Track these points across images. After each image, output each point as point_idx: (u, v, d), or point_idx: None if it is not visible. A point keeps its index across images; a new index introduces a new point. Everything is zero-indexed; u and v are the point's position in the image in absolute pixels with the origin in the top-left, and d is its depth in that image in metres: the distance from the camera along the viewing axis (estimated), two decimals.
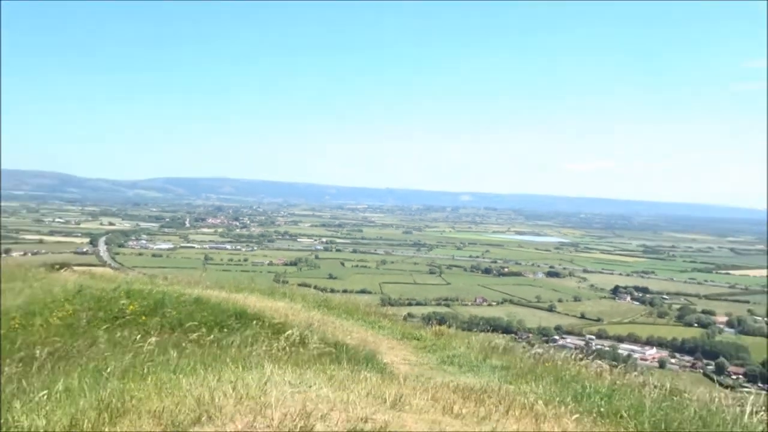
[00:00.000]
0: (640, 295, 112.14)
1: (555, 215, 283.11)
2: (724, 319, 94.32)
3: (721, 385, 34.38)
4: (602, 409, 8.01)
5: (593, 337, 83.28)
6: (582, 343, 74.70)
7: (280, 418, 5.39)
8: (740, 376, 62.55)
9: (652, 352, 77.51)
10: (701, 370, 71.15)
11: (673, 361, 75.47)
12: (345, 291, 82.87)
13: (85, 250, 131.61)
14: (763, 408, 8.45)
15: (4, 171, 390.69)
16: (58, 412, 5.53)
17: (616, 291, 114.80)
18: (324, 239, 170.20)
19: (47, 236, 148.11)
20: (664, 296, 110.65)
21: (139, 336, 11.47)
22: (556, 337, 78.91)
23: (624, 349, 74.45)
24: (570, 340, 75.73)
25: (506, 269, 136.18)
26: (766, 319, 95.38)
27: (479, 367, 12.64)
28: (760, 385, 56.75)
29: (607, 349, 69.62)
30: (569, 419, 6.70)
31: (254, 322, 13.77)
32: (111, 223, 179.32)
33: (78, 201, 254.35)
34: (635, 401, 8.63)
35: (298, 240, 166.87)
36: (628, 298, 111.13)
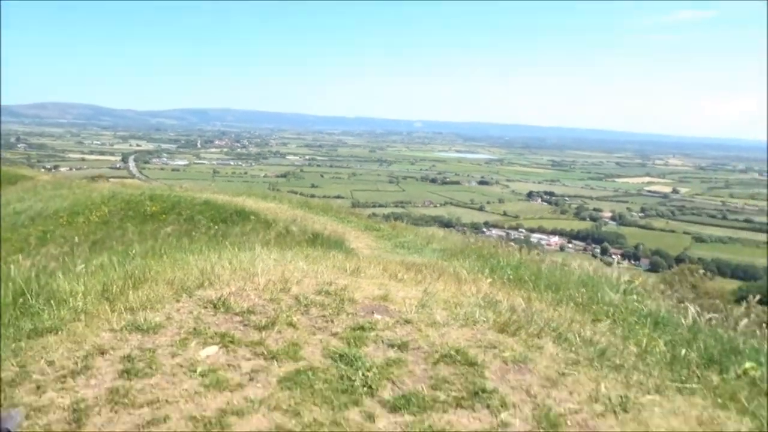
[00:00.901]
0: (548, 197, 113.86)
1: (486, 138, 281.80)
2: (609, 214, 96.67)
3: (603, 262, 35.61)
4: (511, 277, 8.24)
5: (525, 230, 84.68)
6: (504, 233, 76.14)
7: (264, 282, 5.49)
8: (619, 256, 64.84)
9: (555, 239, 79.50)
10: (590, 252, 73.57)
11: (570, 246, 77.67)
12: (324, 196, 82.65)
13: (118, 166, 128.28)
14: (630, 274, 8.85)
15: (51, 103, 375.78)
16: (93, 280, 5.56)
17: (530, 195, 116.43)
18: (307, 157, 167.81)
19: (88, 155, 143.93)
20: (566, 198, 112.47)
21: (159, 229, 11.45)
22: (485, 230, 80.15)
23: (534, 237, 76.12)
24: (495, 232, 77.05)
25: (448, 179, 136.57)
26: (640, 214, 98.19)
27: (423, 249, 12.87)
28: (632, 261, 59.43)
29: (522, 237, 71.15)
30: (484, 282, 6.91)
31: (250, 217, 13.78)
32: (138, 145, 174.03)
33: (111, 127, 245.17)
34: (535, 271, 8.91)
35: (287, 157, 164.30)
36: (539, 200, 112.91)
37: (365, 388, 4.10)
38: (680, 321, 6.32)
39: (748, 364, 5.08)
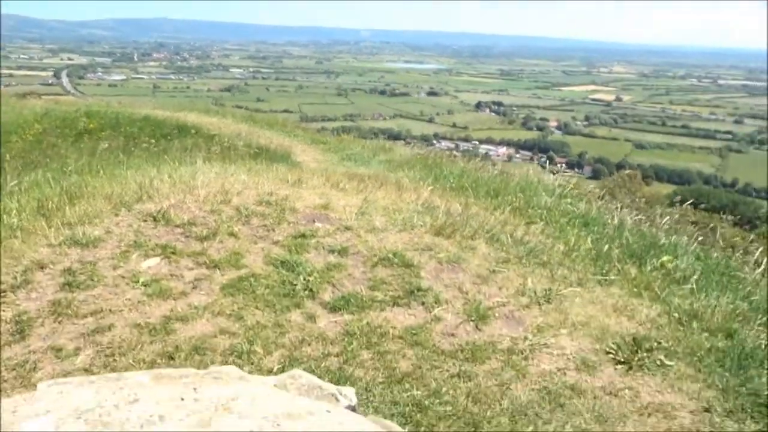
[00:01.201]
0: (496, 108, 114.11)
1: (435, 47, 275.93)
2: (555, 123, 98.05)
3: (548, 171, 36.56)
4: (453, 185, 8.43)
5: (475, 142, 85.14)
6: (453, 145, 76.51)
7: (205, 195, 5.49)
8: (563, 165, 66.60)
9: (502, 150, 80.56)
10: (537, 162, 75.21)
11: (517, 156, 78.93)
12: (271, 111, 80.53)
13: (50, 82, 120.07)
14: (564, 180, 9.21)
15: None
16: (27, 197, 5.43)
17: (479, 105, 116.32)
18: (251, 69, 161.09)
19: (15, 71, 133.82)
20: (514, 108, 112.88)
21: (96, 146, 11.07)
22: (434, 142, 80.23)
23: (483, 148, 76.81)
24: (444, 144, 77.22)
25: (397, 91, 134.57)
26: (584, 123, 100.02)
27: (369, 161, 12.89)
28: (576, 170, 61.33)
29: (471, 148, 71.76)
30: (425, 190, 7.06)
31: (192, 132, 13.43)
32: (70, 59, 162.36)
33: (38, 40, 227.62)
34: (476, 178, 9.12)
35: (230, 70, 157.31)
36: (488, 111, 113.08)
37: (306, 292, 4.28)
38: (608, 221, 6.70)
39: (665, 257, 5.49)
